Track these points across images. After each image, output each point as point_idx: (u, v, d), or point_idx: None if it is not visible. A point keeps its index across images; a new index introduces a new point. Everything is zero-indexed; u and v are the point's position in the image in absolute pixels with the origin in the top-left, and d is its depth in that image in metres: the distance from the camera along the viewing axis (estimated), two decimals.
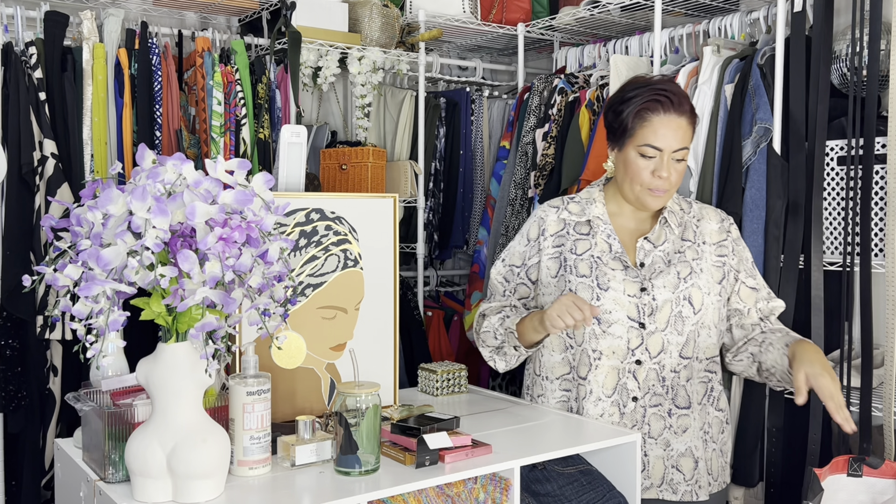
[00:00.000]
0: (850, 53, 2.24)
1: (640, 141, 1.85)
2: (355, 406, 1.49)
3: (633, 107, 1.86)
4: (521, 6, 3.48)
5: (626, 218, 1.98)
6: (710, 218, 2.00)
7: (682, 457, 1.88)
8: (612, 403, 1.89)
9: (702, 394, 1.93)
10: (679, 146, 1.85)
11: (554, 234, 1.99)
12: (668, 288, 1.88)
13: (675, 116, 1.84)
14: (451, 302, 3.69)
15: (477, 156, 3.62)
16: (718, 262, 1.94)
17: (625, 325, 1.87)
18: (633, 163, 1.87)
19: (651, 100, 1.84)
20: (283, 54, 3.06)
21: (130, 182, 1.32)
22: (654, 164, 1.86)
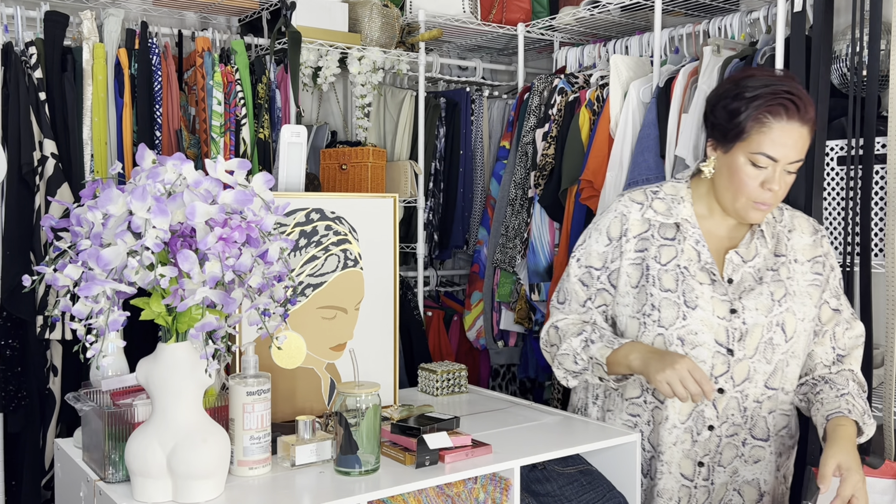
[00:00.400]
0: (850, 53, 2.24)
1: (755, 148, 1.64)
2: (355, 406, 1.49)
3: (753, 109, 1.63)
4: (521, 6, 3.48)
5: (716, 223, 1.79)
6: (802, 230, 1.81)
7: (747, 484, 1.79)
8: (686, 430, 1.75)
9: (782, 425, 1.80)
10: (796, 157, 1.65)
11: (637, 236, 1.78)
12: (760, 311, 1.70)
13: (797, 125, 1.63)
14: (451, 302, 3.69)
15: (477, 156, 3.62)
16: (815, 282, 1.77)
17: (711, 349, 1.70)
18: (740, 170, 1.67)
19: (776, 104, 1.62)
20: (283, 54, 3.06)
21: (130, 182, 1.32)
22: (766, 174, 1.65)
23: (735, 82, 1.70)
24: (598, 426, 1.84)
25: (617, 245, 1.80)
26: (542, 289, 2.98)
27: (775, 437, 1.80)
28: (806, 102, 1.64)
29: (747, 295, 1.72)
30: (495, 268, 3.21)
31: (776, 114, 1.62)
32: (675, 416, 1.75)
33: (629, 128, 2.70)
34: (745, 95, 1.65)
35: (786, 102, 1.62)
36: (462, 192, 3.52)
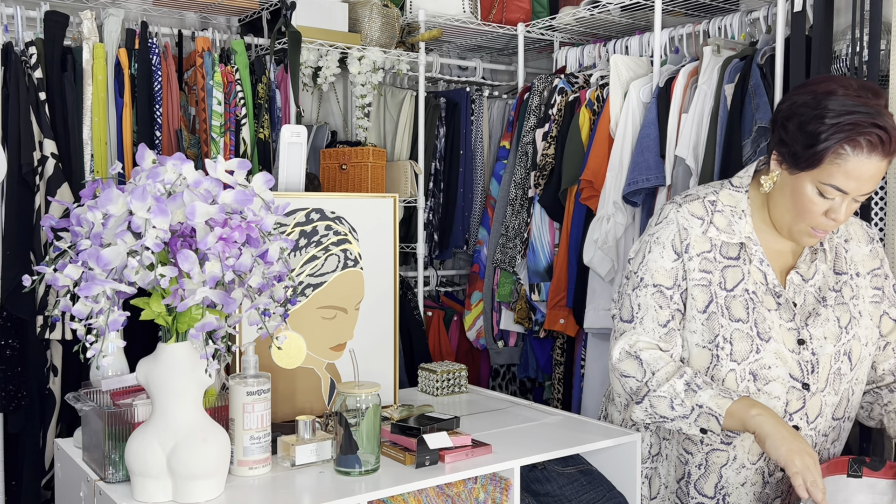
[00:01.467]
0: (850, 53, 2.24)
1: (825, 178, 1.49)
2: (355, 406, 1.49)
3: (834, 141, 1.46)
4: (521, 6, 3.48)
5: (773, 236, 1.64)
6: (858, 239, 1.68)
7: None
8: (757, 471, 1.64)
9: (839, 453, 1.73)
10: (868, 190, 1.50)
11: (700, 255, 1.61)
12: (829, 340, 1.59)
13: (878, 160, 1.46)
14: (451, 302, 3.70)
15: (477, 156, 3.62)
16: (875, 298, 1.66)
17: (785, 384, 1.59)
18: (805, 197, 1.53)
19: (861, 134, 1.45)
20: (283, 54, 3.06)
21: (130, 182, 1.32)
22: (832, 205, 1.52)
23: (815, 97, 1.50)
24: (598, 426, 1.84)
25: (681, 263, 1.62)
26: (541, 289, 2.98)
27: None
28: (892, 135, 1.46)
29: (813, 322, 1.60)
30: (495, 268, 3.21)
31: (857, 147, 1.45)
32: (745, 456, 1.63)
33: (629, 128, 2.70)
34: (825, 120, 1.47)
35: (872, 138, 1.45)
36: (462, 192, 3.52)
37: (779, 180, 1.58)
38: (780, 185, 1.58)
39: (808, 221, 1.55)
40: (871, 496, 1.64)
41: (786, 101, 1.57)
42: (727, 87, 2.45)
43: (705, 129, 2.49)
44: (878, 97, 1.50)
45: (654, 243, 1.65)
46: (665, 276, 1.63)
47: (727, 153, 2.40)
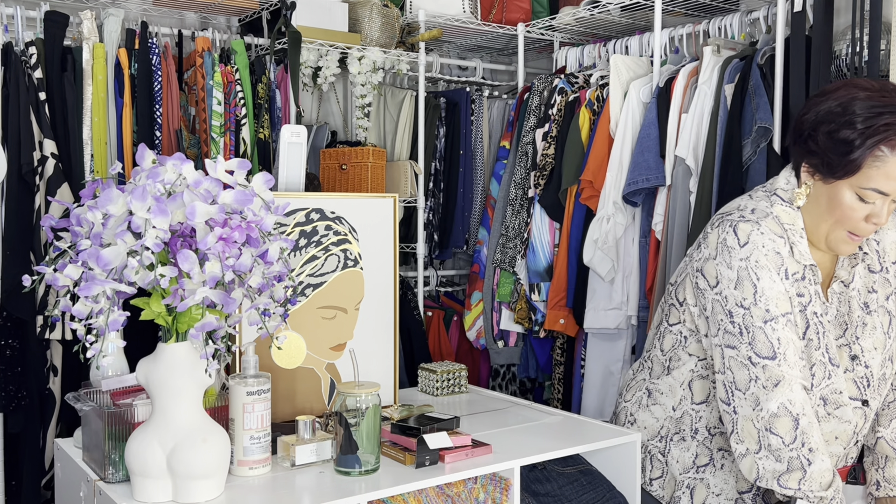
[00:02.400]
0: (850, 53, 2.24)
1: (865, 183, 1.46)
2: (355, 406, 1.49)
3: (869, 144, 1.43)
4: (521, 6, 3.48)
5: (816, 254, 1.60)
6: (888, 227, 1.62)
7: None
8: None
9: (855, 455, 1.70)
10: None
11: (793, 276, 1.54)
12: (878, 350, 1.55)
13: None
14: (451, 302, 3.69)
15: (477, 156, 3.62)
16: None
17: (851, 405, 1.55)
18: (844, 204, 1.49)
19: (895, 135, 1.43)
20: (283, 54, 3.06)
21: (130, 182, 1.32)
22: (873, 209, 1.48)
23: (841, 104, 1.47)
24: (599, 426, 1.84)
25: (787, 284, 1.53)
26: (541, 289, 2.98)
27: None
28: None
29: (862, 333, 1.56)
30: (495, 268, 3.21)
31: (894, 146, 1.43)
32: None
33: (629, 128, 2.71)
34: (857, 126, 1.44)
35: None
36: (462, 192, 3.52)
37: (812, 191, 1.54)
38: (814, 196, 1.54)
39: (847, 224, 1.50)
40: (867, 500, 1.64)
41: (808, 111, 1.53)
42: (727, 87, 2.45)
43: (705, 129, 2.49)
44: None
45: (759, 268, 1.52)
46: (786, 303, 1.52)
47: (727, 153, 2.41)
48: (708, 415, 1.68)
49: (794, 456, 1.46)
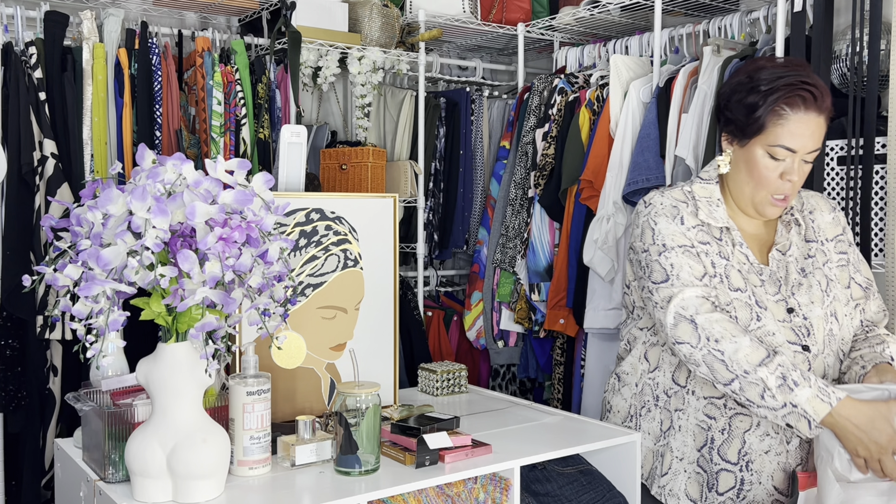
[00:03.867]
0: (850, 53, 2.25)
1: (773, 140, 1.63)
2: (355, 406, 1.49)
3: (771, 103, 1.62)
4: (521, 6, 3.48)
5: (746, 222, 1.76)
6: (821, 208, 1.79)
7: None
8: (781, 441, 1.68)
9: None
10: (815, 147, 1.65)
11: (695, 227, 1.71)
12: (815, 304, 1.68)
13: (814, 115, 1.63)
14: (451, 302, 3.69)
15: (477, 156, 3.62)
16: (840, 261, 1.76)
17: (790, 349, 1.65)
18: (759, 163, 1.66)
19: (793, 95, 1.62)
20: (283, 54, 3.06)
21: (130, 182, 1.32)
22: (784, 166, 1.65)
23: (748, 75, 1.67)
24: (599, 426, 1.84)
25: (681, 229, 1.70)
26: (542, 289, 2.98)
27: None
28: (822, 91, 1.63)
29: (798, 290, 1.69)
30: (495, 268, 3.21)
31: (794, 105, 1.61)
32: (766, 424, 1.66)
33: (629, 128, 2.70)
34: (760, 89, 1.63)
35: (803, 94, 1.62)
36: (462, 192, 3.52)
37: (733, 158, 1.72)
38: (734, 163, 1.71)
39: (767, 188, 1.66)
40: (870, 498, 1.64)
41: (724, 87, 1.74)
42: None
43: (705, 129, 2.49)
44: (804, 66, 1.67)
45: (657, 216, 1.72)
46: (683, 238, 1.69)
47: None
48: (662, 379, 1.78)
49: (705, 353, 1.59)
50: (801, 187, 1.78)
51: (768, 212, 1.71)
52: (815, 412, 1.53)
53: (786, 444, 1.68)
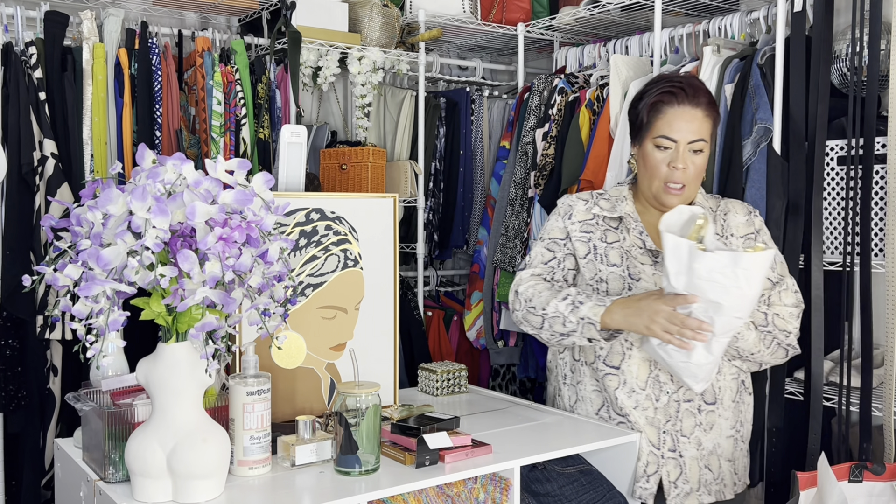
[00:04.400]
0: (850, 53, 2.24)
1: (656, 133, 1.86)
2: (355, 406, 1.49)
3: (648, 99, 1.88)
4: (521, 6, 3.48)
5: (654, 216, 1.96)
6: (736, 211, 1.98)
7: (711, 455, 1.88)
8: (647, 397, 1.85)
9: (734, 391, 1.91)
10: (694, 137, 1.84)
11: (582, 221, 1.98)
12: None
13: (689, 108, 1.84)
14: (451, 302, 3.69)
15: (477, 156, 3.62)
16: None
17: None
18: (650, 155, 1.88)
19: (665, 91, 1.86)
20: (283, 54, 3.06)
21: (130, 182, 1.32)
22: (670, 155, 1.85)
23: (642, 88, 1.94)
24: (598, 426, 1.84)
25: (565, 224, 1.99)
26: None
27: (731, 403, 1.90)
28: (696, 89, 1.85)
29: None
30: (495, 268, 3.21)
31: (668, 101, 1.85)
32: (633, 381, 1.86)
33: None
34: (643, 92, 1.91)
35: (673, 89, 1.85)
36: (462, 192, 3.52)
37: (637, 158, 1.95)
38: (638, 162, 1.95)
39: (658, 177, 1.87)
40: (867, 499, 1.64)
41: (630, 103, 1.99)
42: (727, 87, 2.45)
43: None
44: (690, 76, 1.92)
45: (553, 214, 2.05)
46: (558, 232, 1.99)
47: (727, 153, 2.40)
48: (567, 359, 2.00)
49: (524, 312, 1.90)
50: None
51: (665, 200, 1.88)
52: (595, 315, 1.78)
53: (654, 402, 1.84)
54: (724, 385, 1.88)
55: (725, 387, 1.88)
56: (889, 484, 1.83)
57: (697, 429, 1.85)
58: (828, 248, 2.32)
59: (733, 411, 1.90)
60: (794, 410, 2.32)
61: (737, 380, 1.91)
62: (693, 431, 1.85)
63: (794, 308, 1.91)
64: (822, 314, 2.25)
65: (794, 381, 2.36)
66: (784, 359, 1.92)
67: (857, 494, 1.83)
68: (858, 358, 2.22)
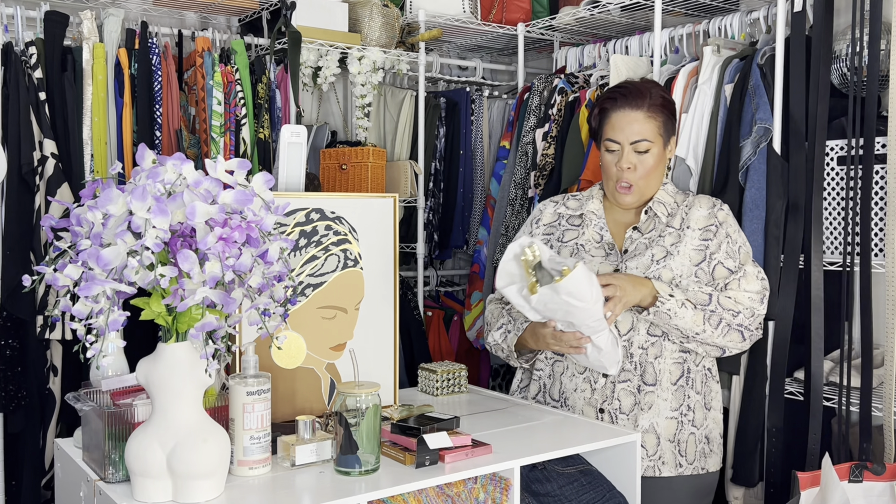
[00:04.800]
0: (850, 53, 2.24)
1: (604, 136, 2.00)
2: (355, 406, 1.49)
3: (597, 106, 2.03)
4: (521, 6, 3.48)
5: (621, 213, 2.07)
6: (700, 205, 2.03)
7: (646, 433, 1.93)
8: (585, 380, 1.97)
9: (677, 375, 1.96)
10: (636, 138, 1.95)
11: (547, 224, 2.14)
12: (639, 269, 1.94)
13: (629, 110, 1.96)
14: (451, 302, 3.69)
15: (477, 156, 3.62)
16: (700, 247, 1.97)
17: None
18: (603, 158, 2.02)
19: (608, 98, 2.00)
20: (283, 54, 3.06)
21: (130, 182, 1.32)
22: (617, 156, 1.98)
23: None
24: (599, 426, 1.84)
25: (531, 232, 2.15)
26: None
27: (672, 386, 1.96)
28: (639, 92, 1.96)
29: (632, 260, 1.97)
30: (495, 268, 3.21)
31: (610, 106, 1.99)
32: (574, 366, 2.00)
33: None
34: (596, 101, 2.05)
35: (614, 94, 1.99)
36: (462, 192, 3.52)
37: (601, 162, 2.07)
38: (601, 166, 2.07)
39: (611, 177, 2.00)
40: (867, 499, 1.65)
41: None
42: (727, 87, 2.45)
43: (705, 130, 2.49)
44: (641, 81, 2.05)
45: (524, 225, 2.20)
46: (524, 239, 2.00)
47: (727, 153, 2.41)
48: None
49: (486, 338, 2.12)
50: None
51: (619, 199, 2.01)
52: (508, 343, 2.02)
53: (591, 384, 1.96)
54: (664, 368, 1.95)
55: (665, 370, 1.95)
56: (889, 484, 1.83)
57: (636, 408, 1.94)
58: (828, 248, 2.32)
59: (674, 394, 1.95)
60: (794, 410, 2.32)
61: (681, 365, 1.97)
62: (632, 410, 1.94)
63: (756, 294, 1.97)
64: (822, 314, 2.25)
65: (794, 381, 2.36)
66: (742, 342, 1.96)
67: (857, 494, 1.83)
68: (858, 358, 2.22)
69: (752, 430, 2.34)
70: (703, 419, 1.99)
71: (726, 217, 2.02)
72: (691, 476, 1.97)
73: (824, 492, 1.69)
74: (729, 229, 2.01)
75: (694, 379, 1.98)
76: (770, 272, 2.31)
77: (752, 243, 2.31)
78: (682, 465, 1.96)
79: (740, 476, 2.36)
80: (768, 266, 2.32)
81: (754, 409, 2.35)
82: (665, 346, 1.95)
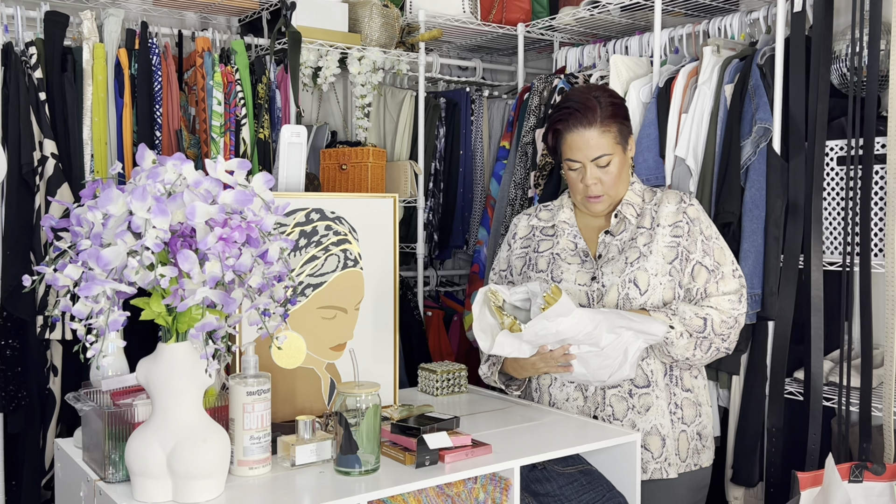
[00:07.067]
0: (850, 53, 2.25)
1: (564, 156, 1.98)
2: (355, 406, 1.49)
3: (549, 128, 1.99)
4: (521, 6, 3.48)
5: (592, 218, 2.07)
6: (668, 201, 2.02)
7: (649, 435, 1.91)
8: (576, 388, 1.97)
9: (663, 373, 1.95)
10: (596, 154, 1.92)
11: (522, 237, 2.14)
12: (615, 273, 1.94)
13: (582, 130, 1.92)
14: (451, 302, 3.69)
15: (477, 156, 3.62)
16: (672, 243, 1.96)
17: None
18: (567, 175, 2.00)
19: (558, 119, 1.95)
20: (283, 54, 3.06)
21: (130, 182, 1.32)
22: (580, 174, 1.96)
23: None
24: (598, 426, 1.84)
25: (510, 249, 2.14)
26: None
27: (663, 385, 1.95)
28: (585, 109, 1.92)
29: (607, 264, 1.96)
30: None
31: (563, 127, 1.94)
32: (563, 377, 1.97)
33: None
34: (549, 119, 1.99)
35: (564, 115, 1.94)
36: (462, 192, 3.52)
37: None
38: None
39: (578, 192, 1.98)
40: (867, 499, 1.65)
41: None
42: (727, 88, 2.45)
43: (705, 130, 2.49)
44: (589, 90, 1.98)
45: (503, 241, 2.20)
46: (503, 262, 2.16)
47: (726, 153, 2.41)
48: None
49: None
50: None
51: (591, 208, 2.01)
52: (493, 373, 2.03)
53: (583, 392, 1.96)
54: (656, 368, 1.94)
55: (657, 369, 1.94)
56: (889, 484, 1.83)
57: (631, 412, 1.92)
58: (827, 248, 2.32)
59: (665, 392, 1.95)
60: (794, 410, 2.33)
61: (664, 364, 1.96)
62: (626, 415, 1.92)
63: (734, 294, 1.95)
64: (821, 314, 2.25)
65: (794, 381, 2.36)
66: (727, 353, 1.98)
67: (857, 494, 1.83)
68: (858, 358, 2.22)
69: (752, 430, 2.34)
70: (694, 416, 1.98)
71: (697, 213, 2.00)
72: (685, 473, 1.96)
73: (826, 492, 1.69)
74: (702, 226, 1.99)
75: (679, 377, 1.97)
76: (770, 272, 2.31)
77: (752, 243, 2.31)
78: (680, 465, 1.95)
79: (740, 476, 2.36)
80: (768, 266, 2.32)
81: (754, 409, 2.35)
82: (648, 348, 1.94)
